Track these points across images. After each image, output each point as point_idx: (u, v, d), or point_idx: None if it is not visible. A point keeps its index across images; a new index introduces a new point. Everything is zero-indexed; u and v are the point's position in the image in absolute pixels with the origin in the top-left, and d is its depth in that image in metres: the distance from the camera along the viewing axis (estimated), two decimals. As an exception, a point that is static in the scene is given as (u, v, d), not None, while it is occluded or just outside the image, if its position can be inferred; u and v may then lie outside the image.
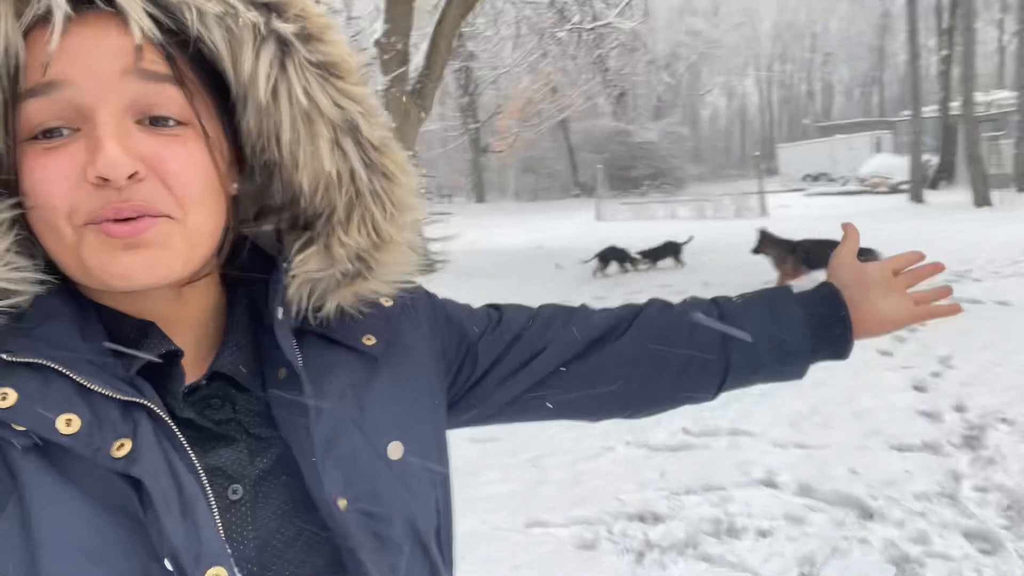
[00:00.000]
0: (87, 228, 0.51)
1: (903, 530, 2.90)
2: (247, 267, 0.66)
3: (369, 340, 0.66)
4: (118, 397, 0.51)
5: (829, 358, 0.83)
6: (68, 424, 0.48)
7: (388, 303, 0.69)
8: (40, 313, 0.53)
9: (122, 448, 0.49)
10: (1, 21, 0.48)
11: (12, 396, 0.48)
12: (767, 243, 8.31)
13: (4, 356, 0.49)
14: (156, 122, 0.53)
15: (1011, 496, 3.11)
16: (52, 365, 0.50)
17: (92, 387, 0.50)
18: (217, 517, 0.52)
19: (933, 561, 2.69)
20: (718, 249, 11.53)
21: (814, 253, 7.56)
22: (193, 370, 0.60)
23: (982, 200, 16.94)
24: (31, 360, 0.50)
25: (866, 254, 1.01)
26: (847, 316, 0.82)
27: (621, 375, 0.80)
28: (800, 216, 16.86)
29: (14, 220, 0.52)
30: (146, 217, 0.52)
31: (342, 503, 0.56)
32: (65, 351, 0.51)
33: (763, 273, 8.22)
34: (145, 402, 0.52)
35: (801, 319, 0.81)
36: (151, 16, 0.51)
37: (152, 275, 0.53)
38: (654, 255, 10.33)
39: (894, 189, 23.45)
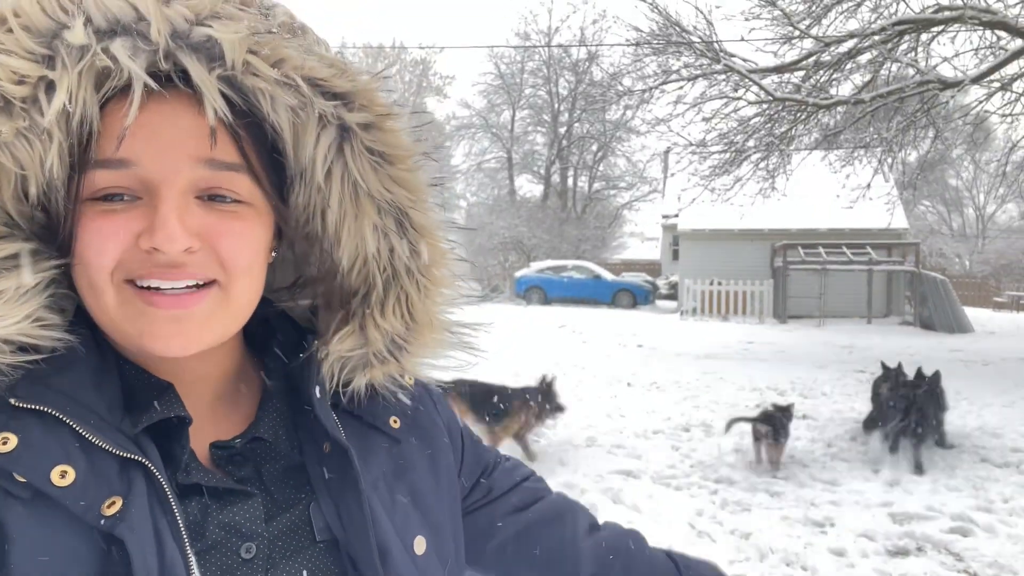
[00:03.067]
0: (127, 287, 0.52)
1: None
2: (281, 337, 0.67)
3: (395, 423, 0.67)
4: (117, 453, 0.50)
5: None
6: (63, 476, 0.48)
7: (410, 381, 0.70)
8: (60, 364, 0.53)
9: (112, 506, 0.48)
10: (80, 91, 0.49)
11: (12, 441, 0.48)
12: None
13: (12, 401, 0.49)
14: (215, 197, 0.54)
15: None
16: (56, 414, 0.50)
17: (93, 440, 0.50)
18: None
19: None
20: None
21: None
22: (210, 427, 0.60)
23: None
24: (36, 407, 0.49)
25: None
26: None
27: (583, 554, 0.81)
28: None
29: (51, 279, 0.53)
30: (194, 291, 0.53)
31: None
32: (74, 402, 0.51)
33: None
34: (143, 460, 0.51)
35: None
36: (224, 96, 0.52)
37: (190, 348, 0.54)
38: None
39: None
